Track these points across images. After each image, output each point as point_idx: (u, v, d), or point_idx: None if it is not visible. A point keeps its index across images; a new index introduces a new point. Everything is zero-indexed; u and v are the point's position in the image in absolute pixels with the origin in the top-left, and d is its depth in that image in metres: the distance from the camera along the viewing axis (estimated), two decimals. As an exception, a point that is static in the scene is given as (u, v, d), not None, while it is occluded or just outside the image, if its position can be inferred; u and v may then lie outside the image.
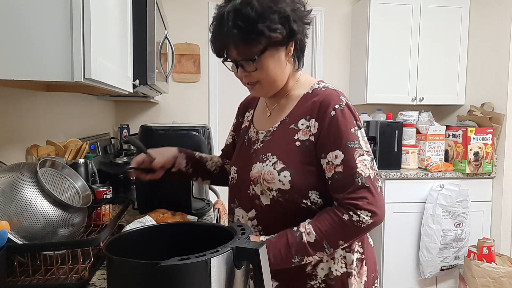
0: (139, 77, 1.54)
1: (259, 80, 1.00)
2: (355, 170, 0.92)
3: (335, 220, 0.92)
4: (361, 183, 0.92)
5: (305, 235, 0.92)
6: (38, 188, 0.96)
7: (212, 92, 3.26)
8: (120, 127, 2.96)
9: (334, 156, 0.94)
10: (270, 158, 0.99)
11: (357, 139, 0.95)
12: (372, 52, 3.07)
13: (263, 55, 0.95)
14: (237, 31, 0.91)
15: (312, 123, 0.98)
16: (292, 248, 0.92)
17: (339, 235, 0.92)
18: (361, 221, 0.91)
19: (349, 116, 0.96)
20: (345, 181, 0.93)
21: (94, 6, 0.89)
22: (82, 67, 0.85)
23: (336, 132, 0.94)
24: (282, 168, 0.96)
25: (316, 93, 1.02)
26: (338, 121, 0.95)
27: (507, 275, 2.59)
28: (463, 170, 2.92)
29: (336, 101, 0.97)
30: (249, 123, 1.16)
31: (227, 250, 0.66)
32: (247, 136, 1.13)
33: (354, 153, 0.93)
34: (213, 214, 1.66)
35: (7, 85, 1.24)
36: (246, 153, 1.08)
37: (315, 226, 0.92)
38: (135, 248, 0.79)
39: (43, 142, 1.58)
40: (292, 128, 1.00)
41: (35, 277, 0.92)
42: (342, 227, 0.91)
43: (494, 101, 2.97)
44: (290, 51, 0.99)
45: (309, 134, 0.98)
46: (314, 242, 0.91)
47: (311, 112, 0.99)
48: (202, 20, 3.21)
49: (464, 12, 3.16)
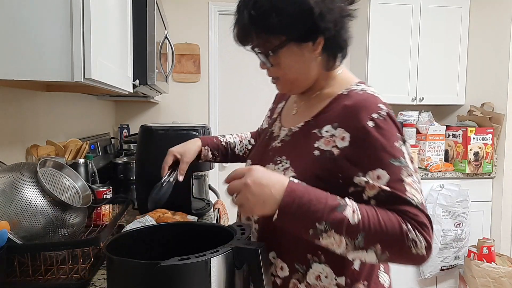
0: (139, 77, 1.54)
1: (277, 76, 0.90)
2: (404, 194, 0.74)
3: (392, 221, 0.72)
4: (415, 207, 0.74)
5: (348, 210, 0.72)
6: (38, 188, 0.96)
7: (212, 92, 3.26)
8: (120, 127, 2.96)
9: (376, 176, 0.75)
10: (283, 162, 0.87)
11: (403, 156, 0.77)
12: (372, 52, 3.07)
13: (280, 51, 0.84)
14: (249, 22, 0.82)
15: (338, 132, 0.81)
16: (326, 209, 0.71)
17: (384, 239, 0.71)
18: (416, 243, 0.71)
19: (391, 128, 0.78)
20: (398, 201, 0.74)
21: (94, 6, 0.89)
22: (82, 67, 0.85)
23: (375, 147, 0.76)
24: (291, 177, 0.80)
25: (350, 96, 0.85)
26: (378, 134, 0.77)
27: (507, 275, 2.59)
28: (463, 170, 2.92)
29: (374, 109, 0.79)
30: (277, 116, 1.05)
31: (227, 250, 0.67)
32: (270, 129, 1.03)
33: (400, 172, 0.75)
34: (213, 214, 1.66)
35: (7, 85, 1.24)
36: (264, 149, 0.98)
37: (364, 211, 0.72)
38: (135, 248, 0.79)
39: (43, 142, 1.58)
40: (315, 134, 0.85)
41: (35, 277, 0.92)
42: (395, 233, 0.71)
43: (494, 101, 2.97)
44: (318, 48, 0.84)
45: (332, 145, 0.81)
46: (352, 225, 0.71)
47: (340, 119, 0.82)
48: (202, 20, 3.21)
49: (464, 12, 3.16)
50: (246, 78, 3.31)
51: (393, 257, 0.73)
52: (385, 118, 0.79)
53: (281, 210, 0.72)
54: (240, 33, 0.87)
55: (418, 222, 0.72)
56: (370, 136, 0.77)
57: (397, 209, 0.73)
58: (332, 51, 0.87)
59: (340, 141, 0.80)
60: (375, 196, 0.76)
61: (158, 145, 1.46)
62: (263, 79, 3.33)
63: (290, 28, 0.82)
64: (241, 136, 1.27)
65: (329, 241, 0.72)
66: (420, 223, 0.72)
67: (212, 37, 3.22)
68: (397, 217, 0.73)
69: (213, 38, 3.22)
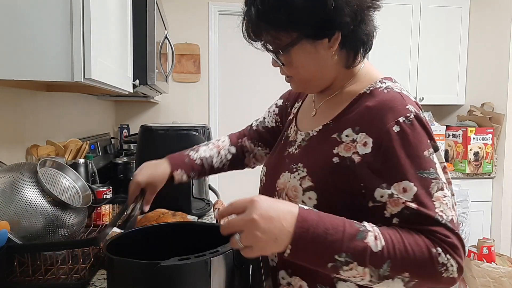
0: (139, 77, 1.54)
1: (291, 75, 0.82)
2: (433, 211, 0.65)
3: (420, 245, 0.64)
4: (444, 226, 0.65)
5: (370, 237, 0.63)
6: (38, 188, 0.96)
7: (212, 92, 3.26)
8: (120, 127, 2.96)
9: (402, 189, 0.67)
10: (300, 169, 0.78)
11: (433, 167, 0.68)
12: (372, 52, 3.05)
13: (292, 49, 0.76)
14: (256, 18, 0.75)
15: (360, 137, 0.72)
16: (345, 238, 0.62)
17: (411, 266, 0.63)
18: (446, 266, 0.64)
19: (420, 134, 0.70)
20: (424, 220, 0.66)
21: (94, 6, 0.89)
22: (82, 67, 0.85)
23: (403, 156, 0.68)
24: (308, 187, 0.75)
25: (374, 94, 0.76)
26: (406, 141, 0.68)
27: (507, 275, 2.59)
28: (463, 170, 2.92)
29: (401, 111, 0.71)
30: (293, 117, 0.95)
31: (227, 250, 0.66)
32: (286, 133, 0.93)
33: (429, 186, 0.67)
34: (213, 214, 1.66)
35: (7, 85, 1.24)
36: (279, 156, 0.89)
37: (388, 236, 0.64)
38: (135, 248, 0.79)
39: (43, 142, 1.58)
40: (334, 138, 0.76)
41: (35, 277, 0.91)
42: (423, 259, 0.63)
43: (494, 101, 2.97)
44: (335, 44, 0.75)
45: (352, 151, 0.72)
46: (376, 253, 0.62)
47: (362, 122, 0.73)
48: (202, 20, 3.21)
49: (464, 12, 3.16)
50: (246, 78, 3.31)
51: (422, 283, 0.65)
52: (413, 122, 0.70)
53: (294, 243, 0.61)
54: (248, 29, 0.78)
55: (448, 244, 0.65)
56: (395, 143, 0.69)
57: (424, 229, 0.65)
58: (352, 47, 0.79)
59: (362, 147, 0.72)
60: (399, 213, 0.67)
61: (158, 145, 1.46)
62: (263, 79, 3.33)
63: (301, 24, 0.73)
64: (218, 146, 1.10)
65: (351, 274, 0.64)
66: (450, 245, 0.65)
67: (212, 37, 3.22)
68: (424, 240, 0.65)
69: (213, 38, 3.22)
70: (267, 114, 1.09)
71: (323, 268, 0.64)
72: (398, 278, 0.64)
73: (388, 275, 0.63)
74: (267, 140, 1.08)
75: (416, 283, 0.64)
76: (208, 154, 1.07)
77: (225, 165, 1.10)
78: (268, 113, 1.08)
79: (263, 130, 1.09)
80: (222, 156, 1.09)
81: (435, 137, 0.73)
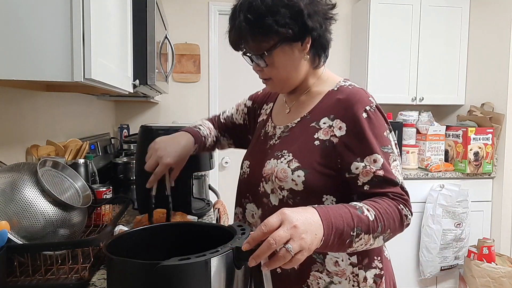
0: (139, 77, 1.54)
1: (271, 76, 0.96)
2: (393, 176, 0.86)
3: (392, 206, 0.83)
4: (400, 187, 0.87)
5: (365, 211, 0.79)
6: (38, 188, 0.96)
7: (212, 92, 3.26)
8: (120, 127, 2.96)
9: (373, 160, 0.86)
10: (285, 155, 0.93)
11: (390, 144, 0.89)
12: (372, 52, 3.07)
13: (274, 51, 0.90)
14: (246, 24, 0.88)
15: (336, 123, 0.91)
16: (354, 217, 0.77)
17: (392, 223, 0.82)
18: (406, 216, 0.85)
19: (381, 119, 0.91)
20: (387, 184, 0.86)
21: (94, 6, 0.89)
22: (82, 67, 0.85)
23: (371, 136, 0.87)
24: (296, 167, 0.90)
25: (341, 90, 0.95)
26: (372, 124, 0.88)
27: (507, 275, 2.59)
28: (463, 170, 2.92)
29: (366, 102, 0.90)
30: (267, 117, 1.11)
31: (227, 250, 0.66)
32: (263, 130, 1.08)
33: (389, 158, 0.87)
34: (213, 214, 1.66)
35: (7, 85, 1.24)
36: (261, 148, 1.03)
37: (372, 206, 0.81)
38: (135, 248, 0.79)
39: (43, 142, 1.58)
40: (313, 126, 0.94)
41: (35, 277, 0.91)
42: (395, 215, 0.83)
43: (494, 101, 2.97)
44: (306, 48, 0.93)
45: (330, 135, 0.91)
46: (373, 220, 0.79)
47: (336, 111, 0.92)
48: (202, 20, 3.21)
49: (464, 12, 3.16)
50: (246, 78, 3.30)
51: (394, 234, 0.84)
52: (375, 110, 0.90)
53: (326, 233, 0.72)
54: (236, 37, 0.92)
55: (405, 200, 0.86)
56: (364, 126, 0.88)
57: (387, 192, 0.85)
58: (318, 51, 0.96)
59: (338, 130, 0.90)
60: (369, 181, 0.86)
61: (158, 145, 1.46)
62: (263, 79, 3.23)
63: (284, 28, 0.88)
64: (208, 128, 1.22)
65: (360, 243, 0.79)
66: (406, 200, 0.86)
67: (212, 37, 3.22)
68: (392, 202, 0.84)
69: (213, 38, 3.22)
70: (235, 111, 1.25)
71: (343, 245, 0.77)
72: (383, 235, 0.81)
73: (379, 235, 0.81)
74: (232, 133, 1.25)
75: (390, 235, 0.83)
76: (206, 133, 1.19)
77: (210, 146, 1.21)
78: (237, 110, 1.24)
79: (231, 124, 1.25)
80: (212, 137, 1.21)
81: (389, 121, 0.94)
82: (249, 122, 1.21)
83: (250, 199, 1.01)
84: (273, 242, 0.64)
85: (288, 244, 0.65)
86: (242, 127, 1.23)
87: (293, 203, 0.90)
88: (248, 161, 1.05)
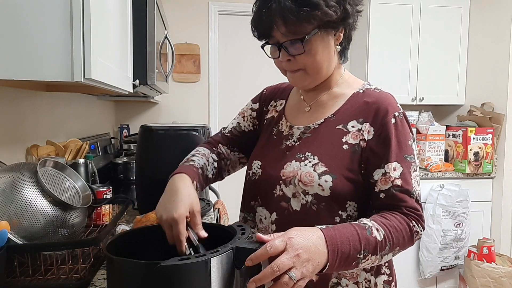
0: (139, 77, 1.54)
1: (304, 66, 0.89)
2: (411, 186, 0.85)
3: (403, 224, 0.82)
4: (415, 199, 0.85)
5: (374, 230, 0.78)
6: (38, 188, 0.96)
7: (212, 92, 3.26)
8: (120, 127, 2.96)
9: (393, 168, 0.85)
10: (309, 158, 0.89)
11: (413, 153, 0.88)
12: (372, 52, 3.07)
13: (314, 36, 0.85)
14: (291, 2, 0.82)
15: (365, 127, 0.89)
16: (361, 240, 0.76)
17: (401, 241, 0.81)
18: (417, 232, 0.84)
19: (406, 127, 0.89)
20: (403, 196, 0.84)
21: (94, 6, 0.89)
22: (82, 67, 0.85)
23: (396, 143, 0.86)
24: (323, 172, 0.86)
25: (368, 93, 0.94)
26: (398, 131, 0.87)
27: (507, 275, 2.59)
28: (463, 170, 2.92)
29: (395, 108, 0.90)
30: (279, 115, 1.04)
31: (227, 250, 0.66)
32: (276, 129, 1.01)
33: (410, 167, 0.86)
34: (213, 214, 1.66)
35: (7, 85, 1.24)
36: (275, 148, 0.97)
37: (382, 224, 0.80)
38: (135, 248, 0.79)
39: (43, 142, 1.58)
40: (340, 129, 0.91)
41: (35, 277, 0.91)
42: (405, 233, 0.82)
43: (494, 101, 2.97)
44: (340, 38, 0.90)
45: (360, 139, 0.88)
46: (381, 241, 0.78)
47: (365, 114, 0.90)
48: (202, 20, 3.21)
49: (464, 12, 3.16)
50: (246, 78, 3.31)
51: (403, 249, 0.84)
52: (403, 117, 0.90)
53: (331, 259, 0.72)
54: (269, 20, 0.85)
55: (418, 215, 0.84)
56: (392, 132, 0.86)
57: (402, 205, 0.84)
58: (345, 45, 0.94)
59: (367, 134, 0.88)
60: (386, 190, 0.85)
61: (158, 145, 1.46)
62: (263, 79, 3.34)
63: (330, 9, 0.84)
64: (204, 155, 1.05)
65: (367, 263, 0.78)
66: (419, 216, 0.84)
67: (212, 37, 3.22)
68: (403, 218, 0.83)
69: (213, 38, 3.22)
70: (241, 119, 1.13)
71: (349, 266, 0.76)
72: (393, 252, 0.81)
73: (387, 253, 0.80)
74: (242, 145, 1.11)
75: (400, 251, 0.83)
76: (202, 163, 1.01)
77: (214, 174, 1.05)
78: (244, 118, 1.13)
79: (239, 134, 1.12)
80: (211, 164, 1.05)
81: None
82: (260, 125, 1.12)
83: (260, 202, 0.96)
84: (276, 269, 0.65)
85: (291, 272, 0.65)
86: (252, 133, 1.11)
87: (317, 209, 0.87)
88: (259, 161, 0.98)
